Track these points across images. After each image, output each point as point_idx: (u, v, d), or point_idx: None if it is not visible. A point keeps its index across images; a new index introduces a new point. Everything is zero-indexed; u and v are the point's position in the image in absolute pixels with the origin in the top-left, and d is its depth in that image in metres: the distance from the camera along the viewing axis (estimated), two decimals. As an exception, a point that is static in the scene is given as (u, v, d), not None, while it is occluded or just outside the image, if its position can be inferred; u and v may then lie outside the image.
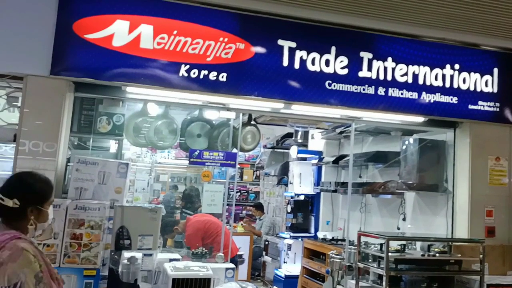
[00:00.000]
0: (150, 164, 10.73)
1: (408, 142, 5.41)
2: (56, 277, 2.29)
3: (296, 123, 4.96)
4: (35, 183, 2.31)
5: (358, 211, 6.78)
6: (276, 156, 9.56)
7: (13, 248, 2.09)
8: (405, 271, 4.17)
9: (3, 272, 2.03)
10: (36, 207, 2.28)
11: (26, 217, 2.25)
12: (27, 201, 2.24)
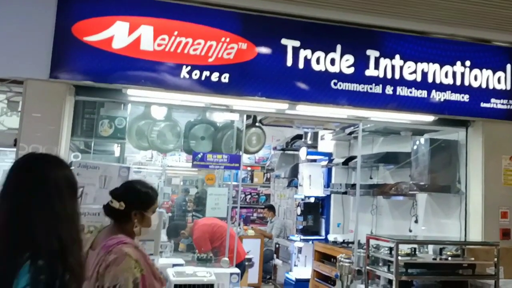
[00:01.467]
0: (161, 168, 10.71)
1: (419, 142, 5.27)
2: (159, 277, 2.49)
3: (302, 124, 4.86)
4: (141, 189, 2.55)
5: (369, 213, 6.64)
6: (286, 158, 9.46)
7: (118, 252, 2.28)
8: (416, 276, 4.05)
9: (108, 274, 2.23)
10: (140, 212, 2.49)
11: (130, 220, 2.47)
12: (132, 205, 2.47)
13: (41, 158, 1.88)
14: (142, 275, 2.33)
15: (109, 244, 2.32)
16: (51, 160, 1.87)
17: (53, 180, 1.77)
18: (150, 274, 2.40)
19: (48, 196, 1.74)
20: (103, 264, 2.25)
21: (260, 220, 9.92)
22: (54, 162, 1.87)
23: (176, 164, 11.00)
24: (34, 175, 1.77)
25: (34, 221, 1.70)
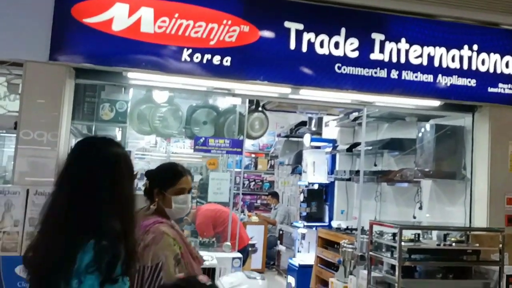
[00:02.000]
0: (166, 154, 10.68)
1: (424, 128, 5.21)
2: (196, 256, 2.51)
3: (306, 109, 4.80)
4: (166, 170, 2.58)
5: (373, 200, 6.60)
6: (290, 145, 9.43)
7: (156, 231, 2.31)
8: (419, 261, 4.01)
9: (147, 253, 2.24)
10: (161, 191, 2.47)
11: (153, 198, 2.48)
12: (153, 183, 2.50)
13: (101, 140, 1.92)
14: (181, 253, 2.35)
15: (145, 224, 2.33)
16: (111, 142, 1.91)
17: (115, 162, 1.82)
18: (187, 253, 2.41)
19: (110, 177, 1.78)
20: (141, 244, 2.23)
21: (264, 206, 9.90)
22: (114, 144, 1.91)
23: (181, 150, 10.98)
24: (96, 156, 1.81)
25: (98, 201, 1.74)
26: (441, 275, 4.08)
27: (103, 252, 1.68)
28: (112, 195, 1.77)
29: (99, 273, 1.67)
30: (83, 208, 1.73)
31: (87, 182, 1.76)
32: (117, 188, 1.79)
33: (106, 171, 1.79)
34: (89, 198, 1.74)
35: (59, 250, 1.69)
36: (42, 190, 3.19)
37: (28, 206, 3.16)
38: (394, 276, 3.86)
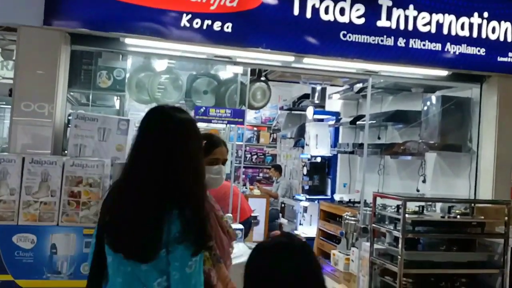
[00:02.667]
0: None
1: (430, 100, 5.09)
2: (228, 230, 2.41)
3: (309, 79, 4.68)
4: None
5: (376, 173, 6.53)
6: (292, 118, 9.33)
7: None
8: (423, 234, 3.95)
9: None
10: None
11: None
12: None
13: (173, 108, 1.91)
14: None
15: None
16: (181, 110, 1.91)
17: (190, 128, 1.84)
18: (217, 227, 2.33)
19: (187, 144, 1.80)
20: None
21: (266, 180, 9.84)
22: (183, 111, 1.91)
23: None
24: (172, 122, 1.81)
25: (177, 168, 1.74)
26: (444, 247, 4.03)
27: (190, 222, 1.69)
28: (189, 162, 1.78)
29: (189, 244, 1.69)
30: (164, 176, 1.72)
31: (165, 150, 1.75)
32: (193, 155, 1.81)
33: (183, 138, 1.80)
34: (168, 166, 1.73)
35: (143, 220, 1.70)
36: (38, 158, 3.11)
37: (24, 174, 3.08)
38: (397, 248, 3.81)
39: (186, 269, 1.72)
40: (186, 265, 1.72)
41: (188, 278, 1.73)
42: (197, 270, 1.75)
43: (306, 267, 1.58)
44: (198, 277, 1.76)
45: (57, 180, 3.13)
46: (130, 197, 1.76)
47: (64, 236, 3.12)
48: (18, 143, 3.34)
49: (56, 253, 3.09)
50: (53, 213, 3.12)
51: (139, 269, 1.75)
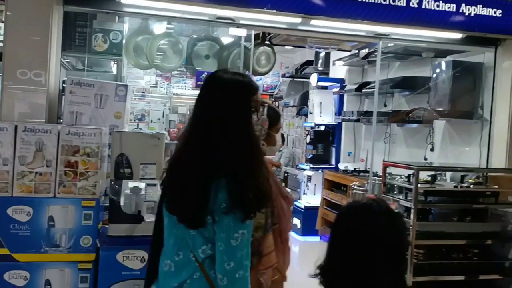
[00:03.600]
0: (166, 95, 10.40)
1: (439, 65, 4.89)
2: (286, 195, 2.53)
3: (316, 43, 4.46)
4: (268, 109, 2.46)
5: (382, 142, 6.40)
6: (295, 85, 9.12)
7: None
8: (435, 204, 3.81)
9: None
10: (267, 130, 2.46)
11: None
12: None
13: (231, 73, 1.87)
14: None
15: None
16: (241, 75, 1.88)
17: (243, 98, 1.79)
18: (277, 193, 2.40)
19: (241, 116, 1.77)
20: None
21: (268, 149, 9.68)
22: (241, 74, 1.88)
23: (182, 92, 10.67)
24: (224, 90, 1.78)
25: (231, 136, 1.72)
26: (457, 218, 3.90)
27: (239, 192, 1.66)
28: (245, 128, 1.76)
29: (236, 215, 1.66)
30: (216, 144, 1.72)
31: (216, 115, 1.74)
32: (247, 122, 1.78)
33: (232, 103, 1.76)
34: (222, 134, 1.72)
35: (192, 185, 1.70)
36: (31, 126, 2.93)
37: (17, 143, 2.91)
38: (409, 219, 3.68)
39: (232, 241, 1.69)
40: (231, 237, 1.69)
41: (234, 251, 1.69)
42: (244, 243, 1.70)
43: (391, 230, 1.62)
44: (245, 251, 1.71)
45: (53, 149, 2.96)
46: (185, 160, 1.76)
47: (61, 208, 2.96)
48: (10, 111, 3.15)
49: (54, 226, 2.94)
50: (49, 184, 2.95)
51: (188, 234, 1.75)
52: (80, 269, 2.99)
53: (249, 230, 1.72)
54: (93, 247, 3.00)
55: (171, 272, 1.82)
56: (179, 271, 1.79)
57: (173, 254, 1.82)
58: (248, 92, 1.83)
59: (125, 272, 3.02)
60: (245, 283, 1.72)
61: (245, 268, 1.72)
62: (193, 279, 1.76)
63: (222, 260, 1.70)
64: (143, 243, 3.04)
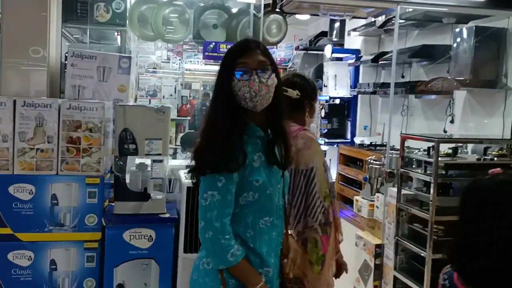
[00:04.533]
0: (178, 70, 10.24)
1: (461, 32, 4.62)
2: (329, 168, 2.56)
3: (330, 10, 4.23)
4: (309, 80, 2.58)
5: (399, 114, 6.16)
6: (309, 58, 8.87)
7: (305, 137, 2.35)
8: (457, 178, 3.61)
9: (300, 157, 2.28)
10: (310, 102, 2.52)
11: (303, 109, 2.49)
12: (305, 94, 2.48)
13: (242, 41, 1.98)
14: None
15: (292, 130, 2.29)
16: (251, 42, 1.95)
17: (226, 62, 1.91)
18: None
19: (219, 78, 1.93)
20: (292, 148, 2.16)
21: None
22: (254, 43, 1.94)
23: (194, 67, 10.50)
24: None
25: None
26: (479, 192, 3.70)
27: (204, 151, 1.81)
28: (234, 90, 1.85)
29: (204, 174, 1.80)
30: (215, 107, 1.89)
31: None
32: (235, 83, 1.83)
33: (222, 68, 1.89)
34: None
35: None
36: (30, 101, 2.81)
37: (17, 119, 2.79)
38: (428, 194, 3.50)
39: (202, 201, 1.78)
40: (202, 196, 1.78)
41: (203, 211, 1.78)
42: (214, 205, 1.75)
43: None
44: (215, 212, 1.75)
45: (54, 125, 2.84)
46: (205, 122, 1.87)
47: (65, 186, 2.86)
48: (10, 88, 3.01)
49: (58, 204, 2.85)
50: (51, 161, 2.85)
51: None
52: (86, 249, 2.91)
53: (221, 193, 1.74)
54: (99, 226, 2.91)
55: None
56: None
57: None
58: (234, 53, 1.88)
59: (132, 251, 2.93)
60: (217, 245, 1.76)
61: (215, 230, 1.74)
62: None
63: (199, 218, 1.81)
64: (150, 221, 2.95)
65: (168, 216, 2.99)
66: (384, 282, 4.13)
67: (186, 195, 2.98)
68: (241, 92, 1.80)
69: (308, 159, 2.30)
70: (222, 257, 1.76)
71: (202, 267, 1.87)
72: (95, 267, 2.91)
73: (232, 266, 1.77)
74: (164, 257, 2.96)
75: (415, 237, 3.76)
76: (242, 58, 1.83)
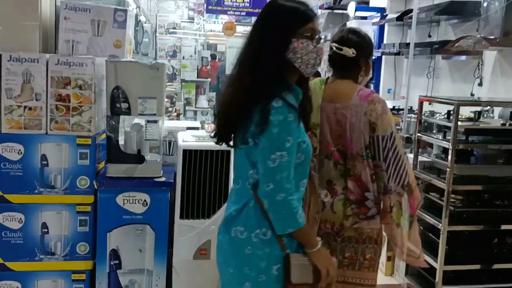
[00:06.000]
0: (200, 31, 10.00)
1: (493, -14, 4.23)
2: None
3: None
4: (365, 36, 2.38)
5: (424, 77, 5.83)
6: (334, 18, 8.51)
7: (381, 101, 2.21)
8: (477, 144, 3.33)
9: (383, 122, 2.16)
10: (366, 59, 2.35)
11: (358, 67, 2.32)
12: (362, 51, 2.30)
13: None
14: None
15: (365, 93, 2.20)
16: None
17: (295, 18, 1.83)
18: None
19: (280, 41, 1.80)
20: (373, 114, 2.16)
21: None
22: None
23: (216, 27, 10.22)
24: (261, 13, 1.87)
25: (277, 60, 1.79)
26: (503, 160, 3.43)
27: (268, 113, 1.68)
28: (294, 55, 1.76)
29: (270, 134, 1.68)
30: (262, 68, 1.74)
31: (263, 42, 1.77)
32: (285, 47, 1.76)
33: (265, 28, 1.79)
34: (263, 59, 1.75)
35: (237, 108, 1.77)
36: (17, 55, 2.65)
37: (3, 75, 2.65)
38: (446, 161, 3.25)
39: (269, 163, 1.69)
40: (268, 158, 1.69)
41: (272, 172, 1.69)
42: (284, 166, 1.69)
43: None
44: (285, 174, 1.70)
45: (42, 81, 2.69)
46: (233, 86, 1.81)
47: (55, 146, 2.73)
48: (0, 42, 2.86)
49: (48, 165, 2.73)
50: (40, 120, 2.71)
51: (241, 159, 1.81)
52: (79, 212, 2.81)
53: (289, 153, 1.70)
54: (91, 188, 2.80)
55: (232, 200, 1.88)
56: (238, 199, 1.83)
57: (235, 182, 1.88)
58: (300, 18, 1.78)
59: (126, 216, 2.82)
60: (289, 207, 1.71)
61: (287, 191, 1.69)
62: (248, 207, 1.79)
63: (262, 182, 1.71)
64: (145, 185, 2.81)
65: (164, 180, 2.84)
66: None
67: (182, 159, 2.82)
68: (307, 57, 1.77)
69: (388, 124, 2.19)
70: (292, 219, 1.73)
71: (256, 238, 1.77)
72: (88, 231, 2.81)
73: (299, 229, 1.74)
74: (159, 223, 2.83)
75: (431, 207, 3.53)
76: (309, 24, 1.80)
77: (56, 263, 2.79)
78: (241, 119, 1.76)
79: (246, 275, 1.78)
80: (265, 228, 1.76)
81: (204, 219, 2.87)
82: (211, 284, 2.95)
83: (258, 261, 1.77)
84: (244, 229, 1.79)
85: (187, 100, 8.77)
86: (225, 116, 1.84)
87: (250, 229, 1.78)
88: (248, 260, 1.78)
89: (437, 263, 3.31)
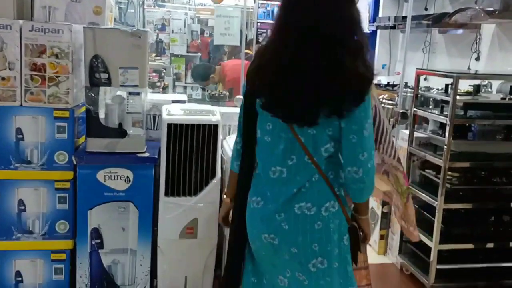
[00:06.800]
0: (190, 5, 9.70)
1: (494, -46, 4.05)
2: None
3: None
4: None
5: (420, 52, 5.67)
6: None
7: None
8: (476, 119, 3.20)
9: None
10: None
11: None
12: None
13: None
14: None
15: None
16: None
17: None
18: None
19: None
20: None
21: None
22: None
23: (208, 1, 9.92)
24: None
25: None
26: (502, 136, 3.30)
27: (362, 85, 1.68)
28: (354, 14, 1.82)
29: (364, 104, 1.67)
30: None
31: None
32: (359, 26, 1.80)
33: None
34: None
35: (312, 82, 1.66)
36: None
37: (-24, 44, 2.46)
38: (443, 137, 3.12)
39: (364, 132, 1.68)
40: (364, 127, 1.67)
41: (366, 141, 1.69)
42: (372, 132, 1.72)
43: None
44: (372, 140, 1.73)
45: (15, 49, 2.51)
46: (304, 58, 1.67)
47: (30, 119, 2.57)
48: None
49: (23, 140, 2.57)
50: (14, 91, 2.53)
51: (306, 133, 1.71)
52: (57, 189, 2.66)
53: (371, 120, 1.73)
54: (70, 164, 2.64)
55: (283, 178, 1.77)
56: (293, 175, 1.75)
57: (284, 159, 1.76)
58: None
59: (107, 193, 2.67)
60: (374, 174, 1.74)
61: (373, 157, 1.73)
62: (312, 182, 1.74)
63: (355, 152, 1.68)
64: (127, 161, 2.66)
65: (148, 155, 2.69)
66: (391, 231, 3.85)
67: (167, 133, 2.66)
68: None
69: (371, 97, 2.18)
70: (373, 186, 1.77)
71: (326, 212, 1.75)
72: (67, 209, 2.67)
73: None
74: (143, 201, 2.69)
75: (426, 184, 3.42)
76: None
77: (35, 242, 2.66)
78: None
79: (313, 252, 1.75)
80: (333, 200, 1.75)
81: (191, 197, 2.74)
82: (198, 264, 2.84)
83: (331, 234, 1.75)
84: (312, 204, 1.74)
85: (177, 75, 8.54)
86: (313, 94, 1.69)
87: (318, 204, 1.75)
88: (318, 235, 1.75)
89: (432, 241, 3.21)
